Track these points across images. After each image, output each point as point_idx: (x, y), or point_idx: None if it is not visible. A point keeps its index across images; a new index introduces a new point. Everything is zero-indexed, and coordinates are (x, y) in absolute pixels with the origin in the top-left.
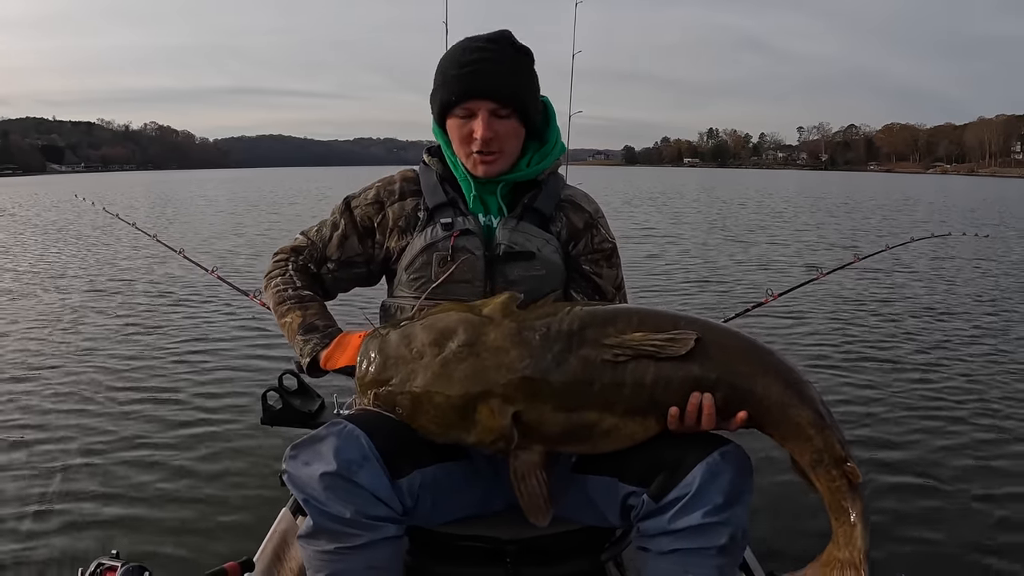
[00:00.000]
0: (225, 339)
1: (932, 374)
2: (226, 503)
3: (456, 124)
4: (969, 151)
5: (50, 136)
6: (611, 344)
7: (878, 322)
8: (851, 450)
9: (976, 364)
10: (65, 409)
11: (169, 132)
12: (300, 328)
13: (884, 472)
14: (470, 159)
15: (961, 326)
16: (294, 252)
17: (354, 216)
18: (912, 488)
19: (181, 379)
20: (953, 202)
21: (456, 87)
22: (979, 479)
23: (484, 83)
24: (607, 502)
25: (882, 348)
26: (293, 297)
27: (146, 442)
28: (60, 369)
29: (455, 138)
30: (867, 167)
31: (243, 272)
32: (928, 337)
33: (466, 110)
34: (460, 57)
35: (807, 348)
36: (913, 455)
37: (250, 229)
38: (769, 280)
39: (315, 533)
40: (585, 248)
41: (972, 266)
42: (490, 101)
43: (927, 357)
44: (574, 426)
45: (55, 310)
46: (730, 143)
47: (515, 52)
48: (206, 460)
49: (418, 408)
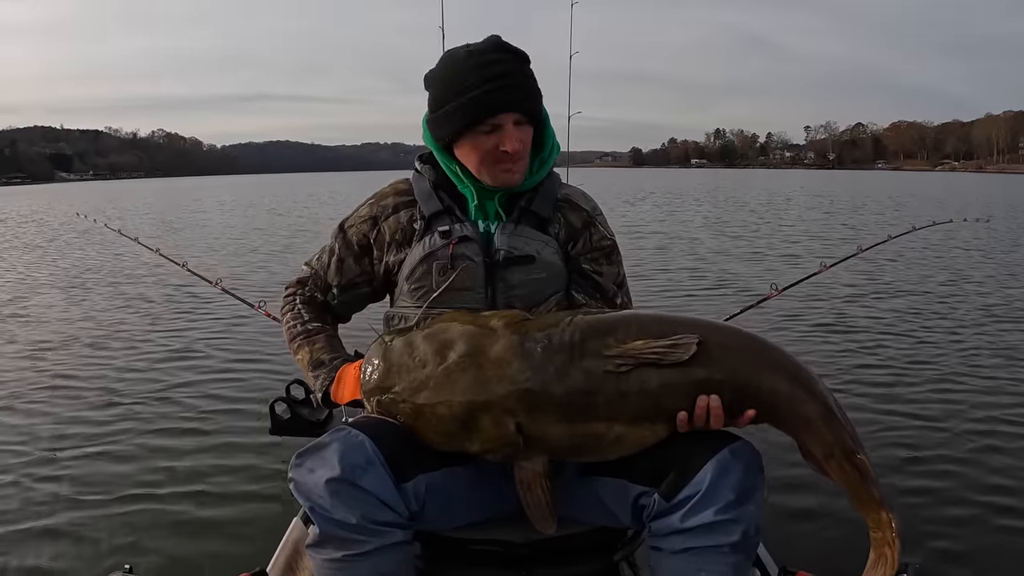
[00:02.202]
0: (232, 350)
1: (941, 362)
2: (238, 514)
3: (479, 139)
4: (977, 148)
5: (58, 144)
6: (613, 355)
7: (884, 312)
8: (862, 441)
9: (985, 350)
10: (74, 423)
11: (177, 139)
12: (309, 365)
13: (896, 464)
14: (490, 172)
15: (968, 312)
16: (300, 284)
17: (348, 238)
18: (924, 478)
19: (189, 392)
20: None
21: (485, 103)
22: (992, 468)
23: (512, 96)
24: (618, 503)
25: (889, 338)
26: (301, 333)
27: (157, 456)
28: (68, 383)
29: (477, 154)
30: (875, 165)
31: (268, 282)
32: (934, 323)
33: (491, 125)
34: (478, 72)
35: (814, 341)
36: (926, 445)
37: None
38: (773, 274)
39: (322, 541)
40: (584, 247)
41: (975, 251)
42: (516, 113)
43: (935, 344)
44: (581, 437)
45: (60, 326)
46: (737, 143)
47: (523, 59)
48: (217, 471)
49: (420, 417)
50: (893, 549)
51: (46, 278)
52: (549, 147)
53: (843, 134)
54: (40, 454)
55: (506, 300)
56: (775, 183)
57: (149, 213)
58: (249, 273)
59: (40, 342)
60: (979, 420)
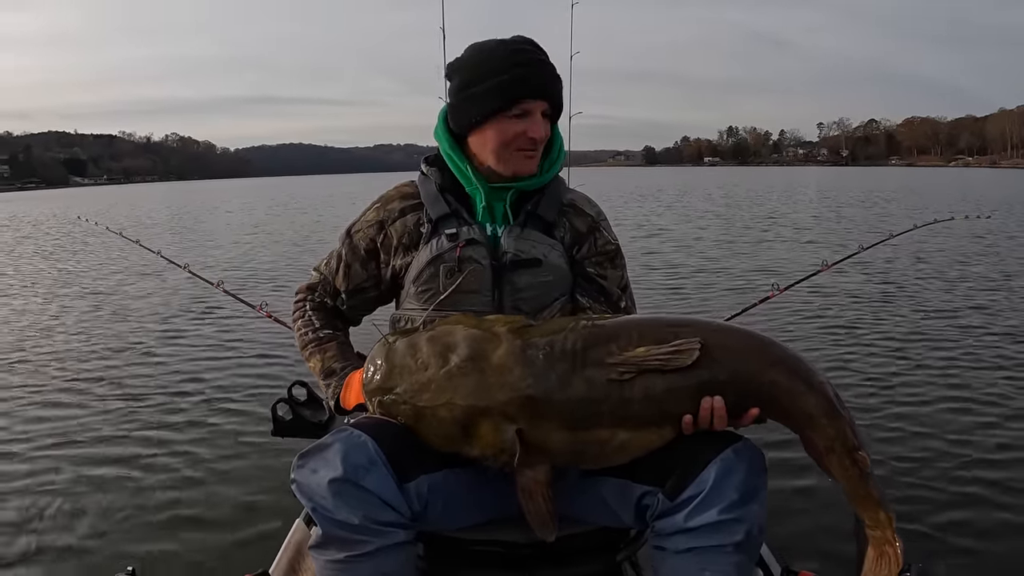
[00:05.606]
0: (233, 352)
1: (944, 361)
2: (241, 516)
3: (508, 124)
4: (991, 143)
5: (72, 149)
6: (616, 362)
7: (886, 310)
8: (863, 438)
9: (989, 348)
10: (75, 424)
11: (191, 143)
12: (321, 373)
13: (898, 462)
14: (512, 158)
15: (969, 309)
16: (309, 290)
17: (355, 243)
18: (925, 476)
19: (191, 393)
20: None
21: (520, 87)
22: (995, 467)
23: (543, 83)
24: (621, 503)
25: (892, 335)
26: (313, 340)
27: (159, 457)
28: (68, 385)
29: (500, 138)
30: (888, 161)
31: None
32: (936, 321)
33: (522, 110)
34: (510, 58)
35: (817, 340)
36: (927, 443)
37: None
38: (776, 273)
39: (325, 542)
40: (589, 251)
41: (977, 248)
42: (544, 101)
43: (937, 343)
44: (583, 444)
45: (62, 328)
46: (750, 141)
47: (547, 56)
48: (219, 473)
49: (421, 419)
50: (895, 547)
51: (47, 279)
52: (557, 150)
53: (856, 130)
54: (41, 456)
55: (513, 303)
56: (786, 181)
57: (178, 223)
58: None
59: (40, 343)
60: (981, 420)
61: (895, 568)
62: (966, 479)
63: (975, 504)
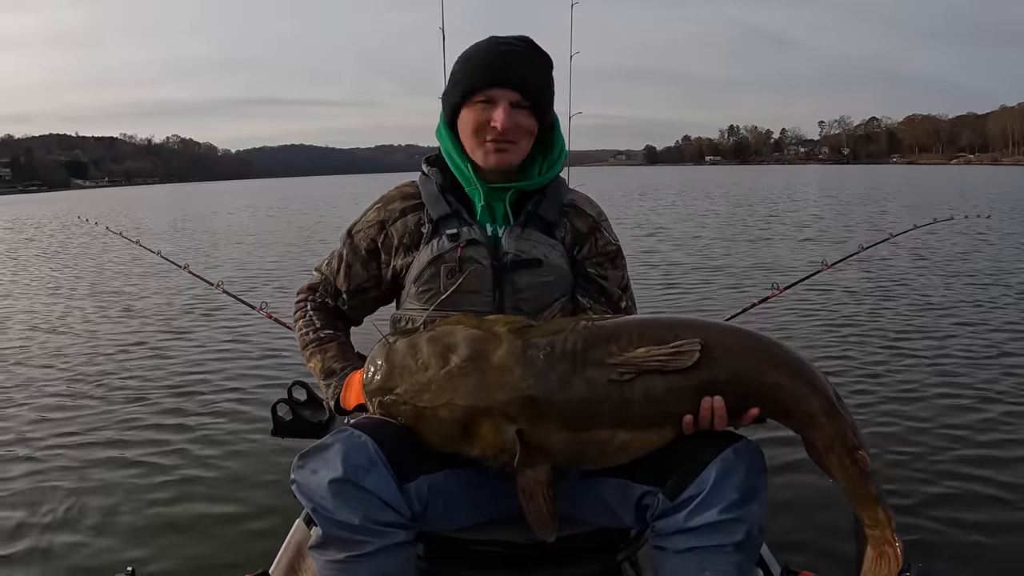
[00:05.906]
0: (234, 353)
1: (944, 360)
2: (240, 516)
3: (474, 112)
4: (992, 140)
5: (73, 152)
6: (616, 363)
7: (886, 310)
8: (863, 437)
9: (989, 348)
10: (75, 425)
11: (191, 144)
12: (321, 374)
13: (898, 461)
14: (482, 149)
15: (970, 308)
16: (311, 291)
17: (356, 244)
18: (926, 475)
19: (191, 394)
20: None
21: (481, 75)
22: (996, 467)
23: (510, 72)
24: (621, 503)
25: (892, 335)
26: (313, 341)
27: (159, 457)
28: (69, 385)
29: (469, 127)
30: (890, 159)
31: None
32: (937, 322)
33: (487, 97)
34: (488, 50)
35: (817, 340)
36: (928, 442)
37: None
38: (776, 273)
39: (325, 543)
40: (590, 252)
41: (977, 247)
42: (512, 91)
43: (938, 342)
44: (584, 444)
45: (63, 328)
46: (751, 139)
47: (540, 52)
48: (219, 474)
49: (421, 419)
50: (894, 547)
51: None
52: (558, 150)
53: (857, 128)
54: (41, 456)
55: (513, 303)
56: (787, 179)
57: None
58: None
59: (40, 343)
60: (982, 419)
61: (895, 567)
62: (967, 478)
63: (976, 503)
